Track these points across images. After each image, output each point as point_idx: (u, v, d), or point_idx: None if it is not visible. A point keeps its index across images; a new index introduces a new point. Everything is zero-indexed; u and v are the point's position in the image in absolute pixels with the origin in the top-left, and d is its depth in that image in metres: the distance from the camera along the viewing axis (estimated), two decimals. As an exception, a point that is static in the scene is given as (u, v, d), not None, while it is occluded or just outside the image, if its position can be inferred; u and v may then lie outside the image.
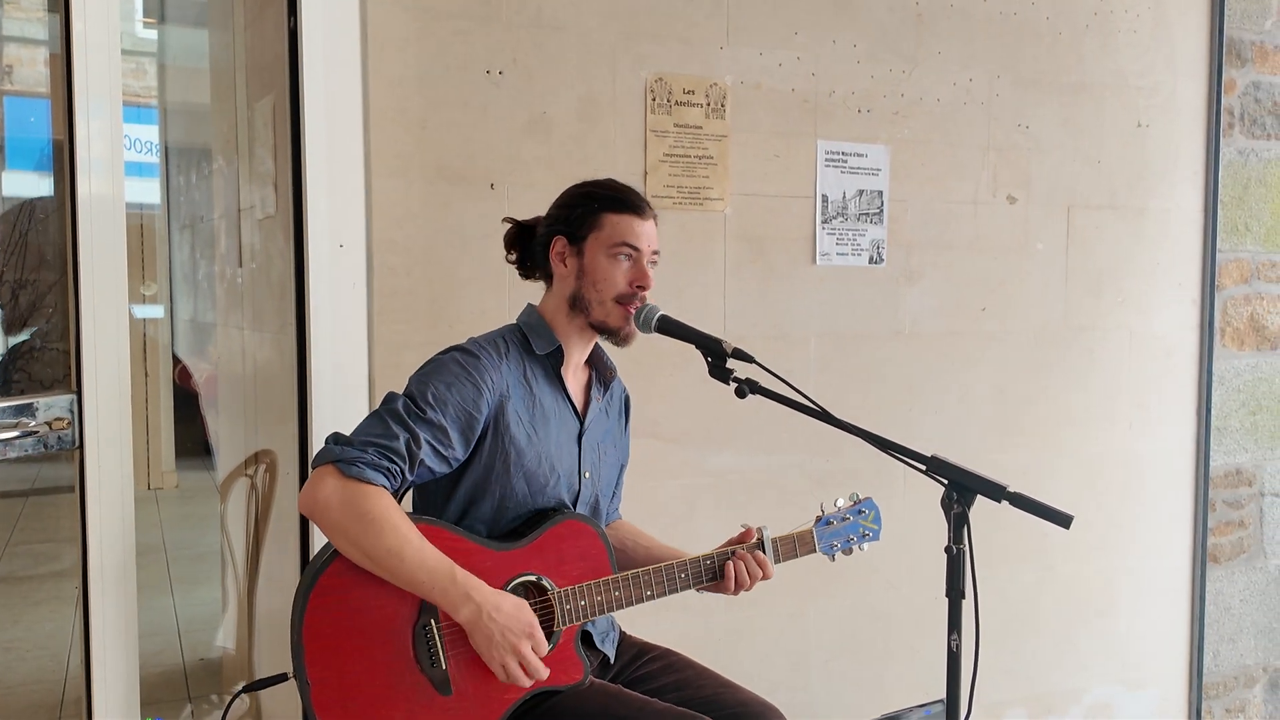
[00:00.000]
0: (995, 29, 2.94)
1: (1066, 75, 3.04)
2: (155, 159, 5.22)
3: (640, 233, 1.77)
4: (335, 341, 2.23)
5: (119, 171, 1.62)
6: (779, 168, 2.71)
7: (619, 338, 1.77)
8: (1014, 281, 3.04)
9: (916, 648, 2.99)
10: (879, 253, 2.85)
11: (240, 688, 1.79)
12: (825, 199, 2.77)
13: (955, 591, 1.63)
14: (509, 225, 1.89)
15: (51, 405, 1.55)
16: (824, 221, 2.77)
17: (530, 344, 1.77)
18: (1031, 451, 3.10)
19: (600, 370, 1.88)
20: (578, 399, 1.84)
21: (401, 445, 1.57)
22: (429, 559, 1.55)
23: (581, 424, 1.82)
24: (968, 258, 2.98)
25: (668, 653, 1.95)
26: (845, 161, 2.79)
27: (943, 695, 1.79)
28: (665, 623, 2.64)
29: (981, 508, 3.17)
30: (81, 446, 1.60)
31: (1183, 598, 3.36)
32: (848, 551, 1.91)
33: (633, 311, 1.76)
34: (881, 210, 2.84)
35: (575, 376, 1.85)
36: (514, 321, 1.84)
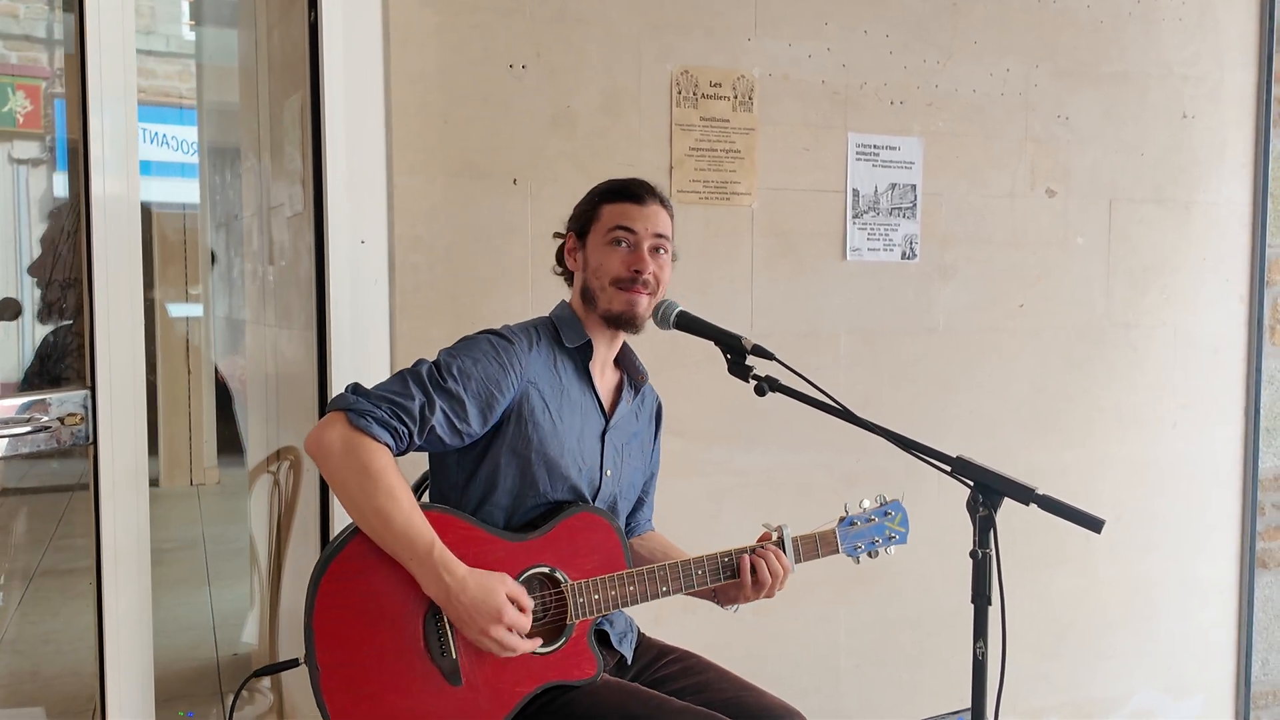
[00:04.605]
0: (1033, 18, 2.86)
1: (1108, 65, 2.96)
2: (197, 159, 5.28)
3: (636, 216, 1.77)
4: (356, 338, 2.23)
5: (134, 169, 1.62)
6: (808, 161, 2.66)
7: (623, 322, 1.75)
8: (1053, 277, 2.96)
9: (949, 653, 2.91)
10: (912, 248, 2.78)
11: (252, 672, 1.78)
12: (856, 193, 2.71)
13: (981, 598, 1.58)
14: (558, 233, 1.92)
15: (65, 401, 1.55)
16: (855, 216, 2.71)
17: (561, 336, 1.76)
18: (1071, 452, 3.02)
19: (632, 374, 1.86)
20: (606, 397, 1.83)
21: (415, 408, 1.57)
22: (413, 529, 1.54)
23: (607, 421, 1.80)
24: (1004, 252, 2.90)
25: (688, 655, 1.91)
26: (877, 154, 2.72)
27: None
28: (692, 626, 2.60)
29: (1017, 511, 3.11)
30: (95, 442, 1.60)
31: (1230, 604, 3.26)
32: (873, 554, 1.86)
33: (636, 296, 1.74)
34: (914, 204, 2.77)
35: (605, 375, 1.84)
36: (547, 314, 1.83)
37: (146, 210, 7.24)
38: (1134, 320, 3.06)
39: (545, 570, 1.65)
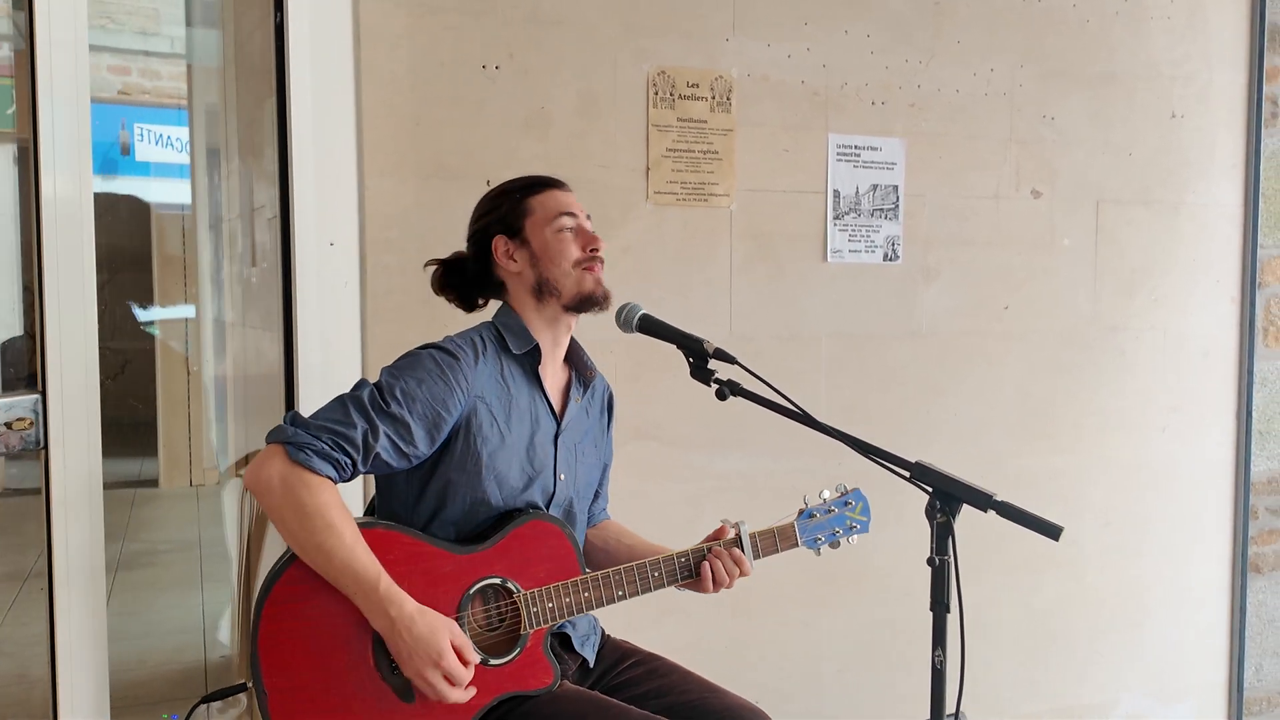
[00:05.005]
0: (1018, 17, 2.83)
1: (1095, 65, 2.92)
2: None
3: (568, 202, 1.77)
4: (326, 341, 2.21)
5: (86, 169, 1.61)
6: (788, 162, 2.63)
7: (596, 300, 1.74)
8: (1039, 279, 2.93)
9: (926, 659, 2.89)
10: (894, 249, 2.75)
11: (200, 699, 1.76)
12: (837, 194, 2.68)
13: (940, 605, 1.54)
14: (433, 268, 1.85)
15: (14, 406, 1.54)
16: (836, 218, 2.69)
17: (507, 343, 1.73)
18: (1059, 456, 2.98)
19: (580, 370, 1.83)
20: (556, 399, 1.79)
21: (358, 436, 1.54)
22: (357, 564, 1.51)
23: (559, 425, 1.77)
24: (989, 254, 2.87)
25: (652, 657, 1.88)
26: (858, 155, 2.70)
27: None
28: (668, 630, 2.58)
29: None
30: (46, 447, 1.59)
31: (1222, 609, 3.21)
32: (834, 544, 1.83)
33: (599, 272, 1.73)
34: (897, 205, 2.74)
35: (554, 376, 1.80)
36: (490, 320, 1.79)
37: (148, 211, 7.25)
38: (1122, 323, 3.02)
39: (496, 581, 1.62)
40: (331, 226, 2.21)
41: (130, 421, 7.19)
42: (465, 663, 1.55)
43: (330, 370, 2.19)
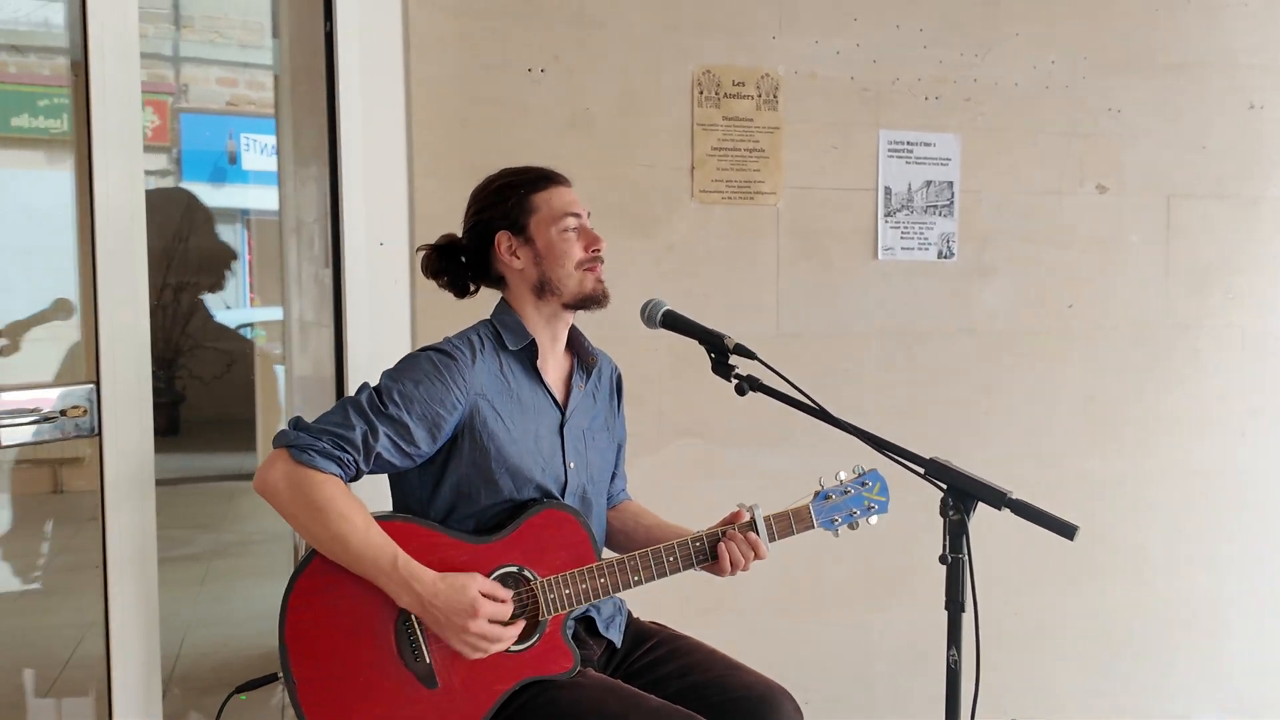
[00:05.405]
0: (1080, 7, 2.75)
1: (1164, 54, 2.82)
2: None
3: (572, 199, 1.78)
4: (376, 338, 2.28)
5: (137, 171, 1.71)
6: (836, 160, 2.62)
7: (598, 298, 1.76)
8: (1105, 276, 2.84)
9: (990, 665, 2.83)
10: (949, 246, 2.71)
11: (234, 689, 1.84)
12: (888, 191, 2.65)
13: (954, 604, 1.52)
14: (424, 253, 1.86)
15: (70, 394, 1.65)
16: (887, 214, 2.66)
17: (504, 340, 1.76)
18: (1126, 460, 2.89)
19: (583, 356, 1.85)
20: (558, 389, 1.81)
21: (357, 436, 1.59)
22: (372, 546, 1.56)
23: (563, 414, 1.80)
24: (1051, 251, 2.80)
25: (675, 637, 1.89)
26: (910, 151, 2.66)
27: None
28: (715, 626, 2.58)
29: (1071, 518, 2.98)
30: (100, 434, 1.69)
31: (1308, 623, 3.07)
32: (852, 526, 1.81)
33: (599, 271, 1.75)
34: (952, 202, 2.70)
35: (555, 366, 1.83)
36: (487, 317, 1.83)
37: (245, 216, 7.58)
38: (1195, 321, 2.91)
39: (513, 569, 1.66)
40: (381, 227, 2.29)
41: (231, 419, 7.52)
42: (500, 600, 1.59)
43: (380, 367, 2.26)
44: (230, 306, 8.09)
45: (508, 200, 1.77)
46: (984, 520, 1.51)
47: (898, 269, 2.68)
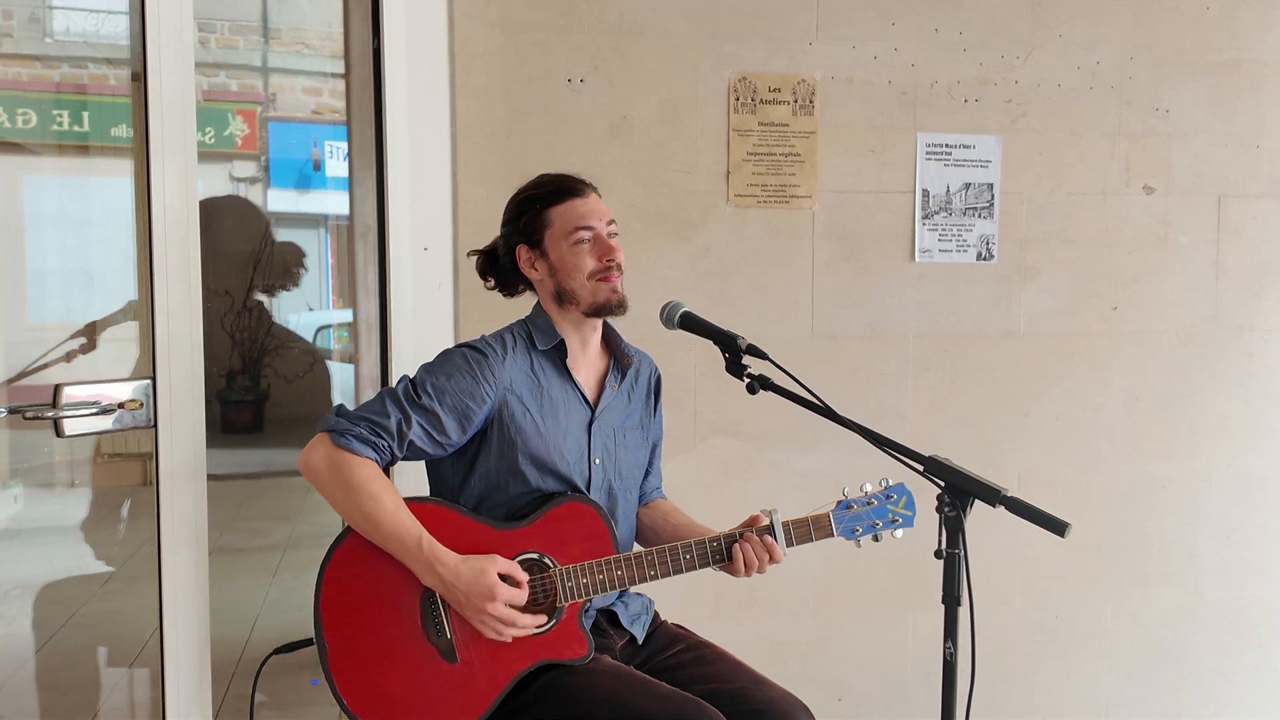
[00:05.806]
0: (1127, 6, 2.73)
1: (1215, 53, 2.78)
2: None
3: (586, 211, 1.83)
4: (419, 341, 2.39)
5: (191, 175, 1.83)
6: (874, 163, 2.64)
7: (612, 307, 1.83)
8: (1152, 278, 2.81)
9: (1028, 667, 2.82)
10: (988, 248, 2.71)
11: (272, 650, 1.96)
12: (926, 193, 2.67)
13: (950, 598, 1.55)
14: (475, 258, 1.99)
15: (127, 388, 1.78)
16: (925, 217, 2.68)
17: (535, 340, 1.85)
18: (1174, 464, 2.85)
19: (619, 357, 1.93)
20: (591, 388, 1.89)
21: (392, 424, 1.71)
22: (400, 527, 1.67)
23: (593, 412, 1.87)
24: (1095, 253, 2.78)
25: (702, 644, 1.95)
26: (949, 154, 2.68)
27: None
28: (750, 622, 2.64)
29: (1116, 522, 2.96)
30: (156, 426, 1.82)
31: (1369, 634, 2.98)
32: (875, 538, 1.84)
33: (615, 281, 1.82)
34: (992, 204, 2.71)
35: (588, 366, 1.91)
36: (524, 318, 1.92)
37: (327, 221, 7.84)
38: (1248, 323, 2.86)
39: (534, 556, 1.75)
40: (427, 232, 2.40)
41: (312, 416, 7.79)
42: (519, 583, 1.69)
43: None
44: (313, 308, 8.36)
45: (525, 215, 1.87)
46: (1025, 525, 1.53)
47: (935, 271, 2.69)
